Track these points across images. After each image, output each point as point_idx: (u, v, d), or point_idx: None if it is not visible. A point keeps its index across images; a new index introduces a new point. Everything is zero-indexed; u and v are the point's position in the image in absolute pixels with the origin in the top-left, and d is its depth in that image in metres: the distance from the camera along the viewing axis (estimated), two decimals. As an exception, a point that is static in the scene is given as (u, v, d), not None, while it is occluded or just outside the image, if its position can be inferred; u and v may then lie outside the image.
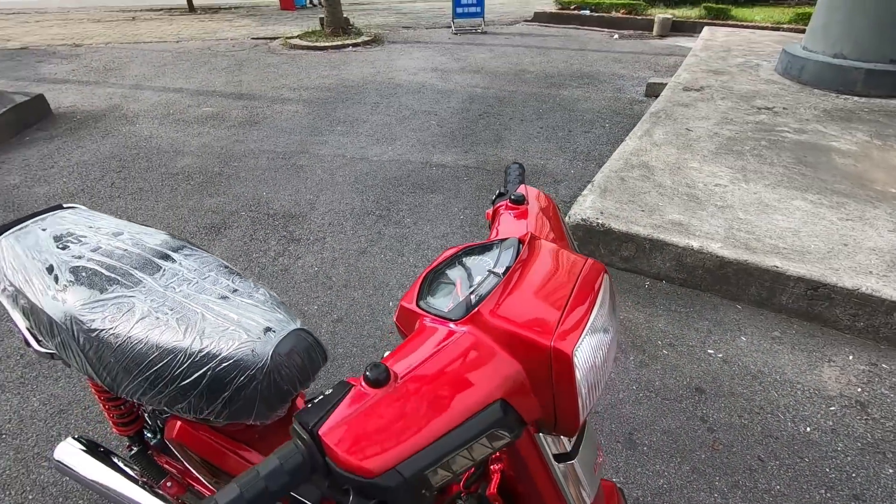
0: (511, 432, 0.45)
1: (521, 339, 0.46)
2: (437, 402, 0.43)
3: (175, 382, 0.79)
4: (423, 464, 0.41)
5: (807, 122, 3.68)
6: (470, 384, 0.45)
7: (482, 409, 0.43)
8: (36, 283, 0.91)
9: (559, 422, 0.49)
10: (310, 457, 0.41)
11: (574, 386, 0.46)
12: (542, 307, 0.49)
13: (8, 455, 1.61)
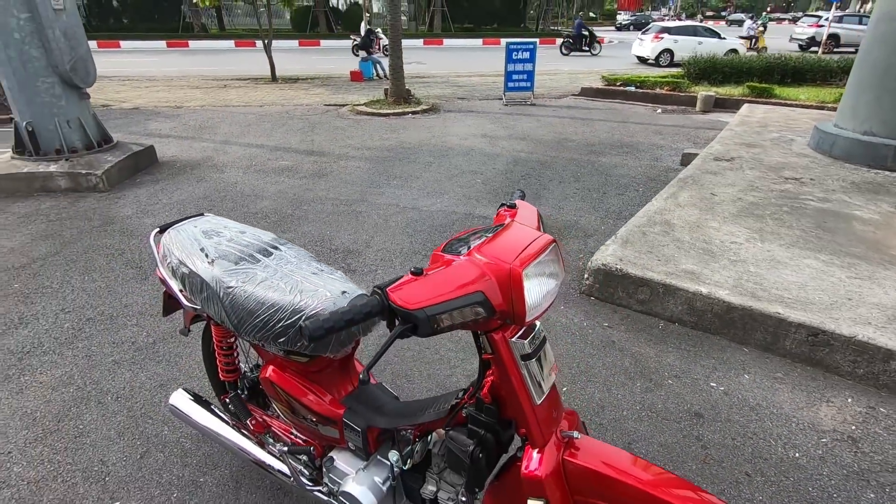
0: (484, 308, 0.80)
1: (493, 264, 0.83)
2: (444, 286, 0.80)
3: (280, 323, 1.19)
4: (435, 311, 0.77)
5: (832, 192, 3.88)
6: (464, 282, 0.81)
7: (469, 293, 0.80)
8: (194, 258, 1.36)
9: (515, 316, 0.84)
10: (382, 301, 0.79)
11: (522, 293, 0.81)
12: (508, 251, 0.85)
13: (122, 412, 2.04)
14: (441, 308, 0.78)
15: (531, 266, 0.84)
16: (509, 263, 0.82)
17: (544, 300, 0.88)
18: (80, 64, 4.72)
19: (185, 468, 1.79)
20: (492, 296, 0.82)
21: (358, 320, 0.79)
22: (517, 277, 0.82)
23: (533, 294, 0.84)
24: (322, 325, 0.77)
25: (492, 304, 0.82)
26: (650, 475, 0.91)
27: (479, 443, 1.03)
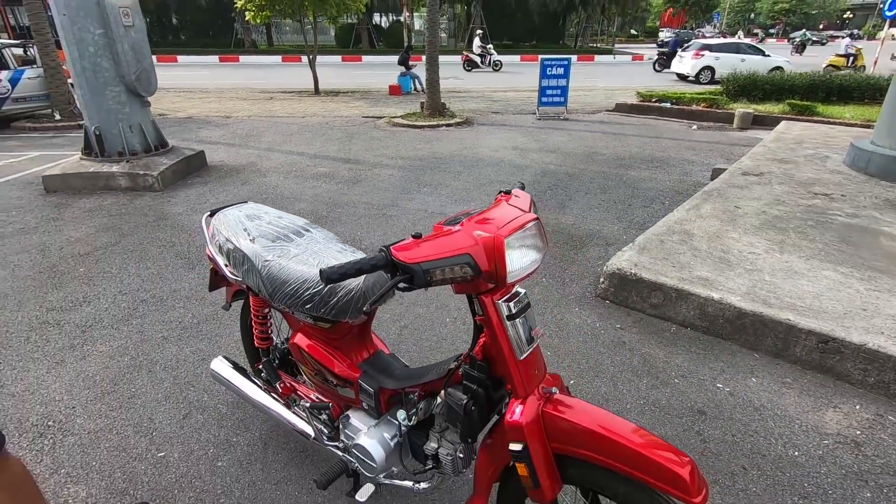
0: (471, 268, 0.97)
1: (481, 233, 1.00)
2: (439, 248, 0.97)
3: (308, 292, 1.38)
4: (429, 266, 0.95)
5: (863, 208, 3.84)
6: (456, 246, 0.98)
7: (458, 255, 0.96)
8: (238, 236, 1.57)
9: (498, 278, 1.00)
10: (386, 256, 0.96)
11: (504, 259, 0.97)
12: (494, 224, 1.01)
13: (168, 380, 2.28)
14: (434, 264, 0.95)
15: (513, 237, 0.99)
16: (494, 233, 0.98)
17: (527, 267, 1.03)
18: (143, 75, 5.19)
19: (221, 429, 2.01)
20: (478, 258, 0.98)
21: (366, 270, 0.97)
22: (500, 245, 0.97)
23: (514, 260, 1.00)
24: (337, 270, 0.96)
25: (478, 265, 0.98)
26: (621, 428, 1.04)
27: (472, 397, 1.18)
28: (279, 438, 1.96)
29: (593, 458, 1.04)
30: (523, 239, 1.03)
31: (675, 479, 0.94)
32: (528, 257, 1.05)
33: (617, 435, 1.02)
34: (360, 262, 0.97)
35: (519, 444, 1.07)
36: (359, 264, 0.97)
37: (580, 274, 3.37)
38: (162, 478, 1.79)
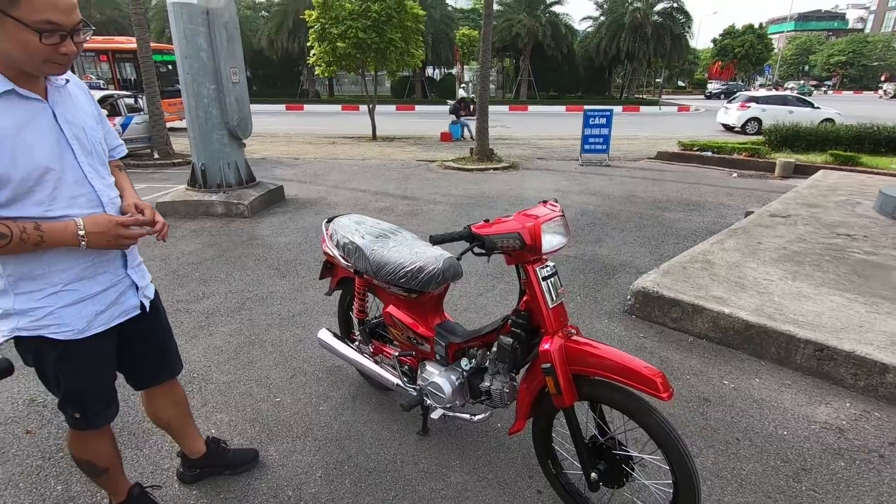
0: (520, 241, 1.55)
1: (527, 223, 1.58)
2: (500, 227, 1.57)
3: (402, 270, 1.99)
4: (494, 237, 1.54)
5: (882, 247, 4.14)
6: (510, 227, 1.57)
7: (512, 232, 1.55)
8: (352, 234, 2.23)
9: (536, 250, 1.57)
10: (468, 231, 1.57)
11: (540, 238, 1.55)
12: (535, 216, 1.60)
13: (276, 353, 2.93)
14: (497, 237, 1.55)
15: (547, 224, 1.57)
16: (535, 221, 1.57)
17: (555, 245, 1.61)
18: (243, 122, 6.22)
19: (320, 386, 2.61)
20: (524, 236, 1.56)
21: (456, 238, 1.58)
22: (538, 228, 1.55)
23: (547, 240, 1.57)
24: (440, 236, 1.58)
25: (524, 241, 1.56)
26: (616, 354, 1.55)
27: (517, 340, 1.73)
28: (364, 395, 2.54)
29: (596, 373, 1.56)
30: (553, 227, 1.61)
31: (650, 383, 1.45)
32: (557, 239, 1.62)
33: (612, 357, 1.54)
34: (454, 233, 1.59)
35: (548, 363, 1.61)
36: (452, 233, 1.58)
37: (611, 295, 3.84)
38: (280, 414, 2.40)
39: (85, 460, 1.58)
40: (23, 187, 1.21)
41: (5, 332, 1.31)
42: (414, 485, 1.99)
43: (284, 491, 1.95)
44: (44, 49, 1.15)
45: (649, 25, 32.95)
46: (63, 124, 1.30)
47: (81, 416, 1.48)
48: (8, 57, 1.16)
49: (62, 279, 1.32)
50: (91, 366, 1.44)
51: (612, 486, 1.69)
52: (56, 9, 1.12)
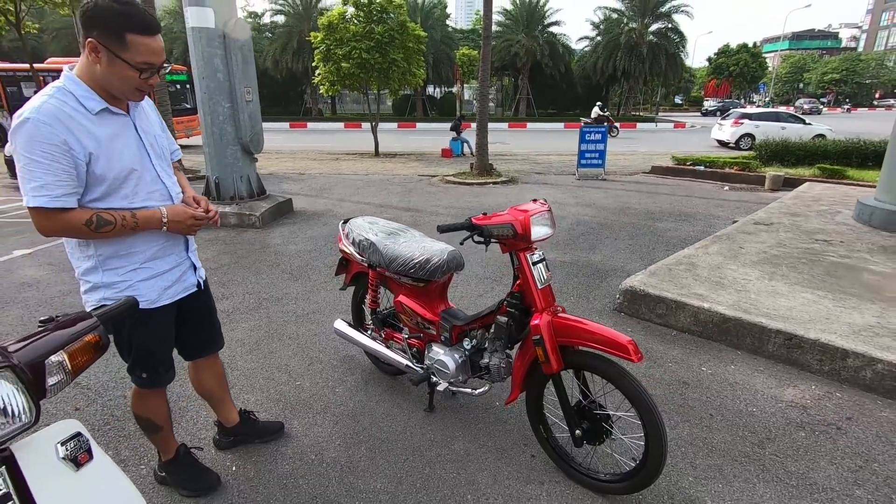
0: (512, 231, 1.83)
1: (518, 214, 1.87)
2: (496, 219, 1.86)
3: (412, 262, 2.28)
4: (491, 227, 1.84)
5: (856, 251, 4.43)
6: (505, 220, 1.86)
7: (506, 224, 1.84)
8: (367, 232, 2.52)
9: (527, 239, 1.86)
10: (470, 222, 1.86)
11: (530, 229, 1.84)
12: (525, 210, 1.89)
13: (293, 345, 3.20)
14: (493, 228, 1.84)
15: (535, 217, 1.87)
16: (525, 214, 1.87)
17: (542, 235, 1.90)
18: (255, 137, 6.58)
19: (335, 372, 2.88)
20: (517, 227, 1.85)
21: (459, 227, 1.88)
22: (528, 220, 1.85)
23: (536, 230, 1.87)
24: (448, 224, 1.87)
25: (516, 230, 1.85)
26: (595, 326, 1.83)
27: (511, 318, 2.02)
28: (375, 380, 2.81)
29: (579, 342, 1.84)
30: (541, 219, 1.90)
31: (623, 348, 1.72)
32: (544, 230, 1.91)
33: (592, 329, 1.82)
34: (458, 223, 1.89)
35: (538, 336, 1.89)
36: (457, 224, 1.88)
37: (602, 295, 4.12)
38: (300, 395, 2.67)
39: (145, 417, 1.85)
40: (114, 184, 1.52)
41: (94, 301, 1.61)
42: (422, 451, 2.25)
43: (308, 455, 2.21)
44: (139, 81, 1.47)
45: (644, 45, 33.78)
46: (141, 134, 1.62)
47: (148, 376, 1.76)
48: (108, 84, 1.47)
49: (140, 258, 1.62)
50: (158, 331, 1.74)
51: (594, 442, 1.96)
52: (153, 53, 1.45)
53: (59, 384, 0.84)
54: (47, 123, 1.35)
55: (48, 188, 1.37)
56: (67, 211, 1.42)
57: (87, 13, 1.36)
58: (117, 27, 1.37)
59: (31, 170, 1.36)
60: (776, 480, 2.08)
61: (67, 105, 1.41)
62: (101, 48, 1.39)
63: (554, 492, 2.01)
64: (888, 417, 2.51)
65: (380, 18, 13.70)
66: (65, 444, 0.84)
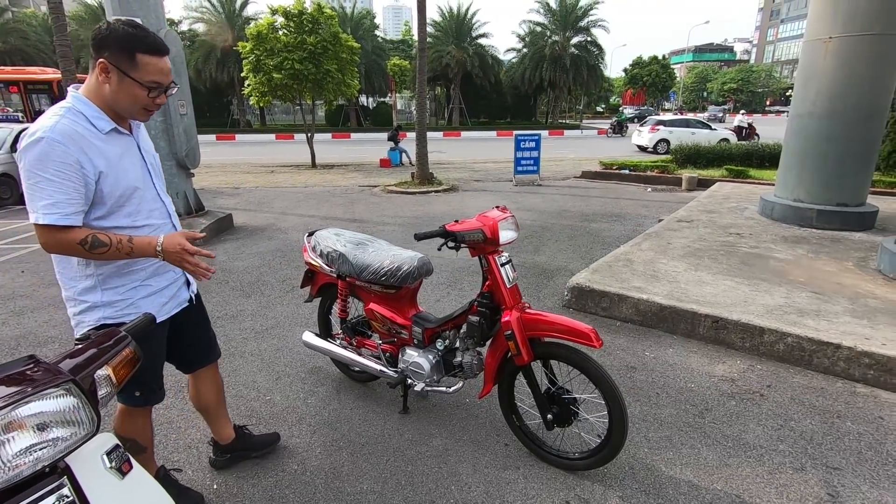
0: (483, 236, 2.00)
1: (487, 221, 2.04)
2: (468, 226, 2.01)
3: (382, 270, 2.38)
4: (463, 233, 1.99)
5: (763, 242, 5.03)
6: (475, 226, 2.01)
7: (476, 230, 2.00)
8: (335, 244, 2.59)
9: (495, 243, 2.03)
10: (443, 229, 2.00)
11: (498, 233, 2.01)
12: (493, 217, 2.06)
13: (257, 361, 3.17)
14: (465, 233, 1.99)
15: (502, 222, 2.05)
16: (493, 220, 2.04)
17: (509, 238, 2.08)
18: (191, 152, 6.34)
19: (305, 384, 2.90)
20: (486, 231, 2.02)
21: (434, 235, 2.01)
22: (496, 225, 2.02)
23: (503, 234, 2.04)
24: (424, 233, 2.00)
25: (485, 235, 2.02)
26: (560, 318, 2.03)
27: (482, 317, 2.17)
28: (347, 388, 2.87)
29: (546, 334, 2.02)
30: (507, 224, 2.08)
31: (585, 336, 1.93)
32: (510, 234, 2.09)
33: (557, 321, 2.01)
34: (432, 231, 2.02)
35: (509, 331, 2.05)
36: (432, 231, 2.02)
37: (551, 294, 4.40)
38: (272, 409, 2.67)
39: (131, 438, 1.81)
40: (119, 202, 1.54)
41: (91, 322, 1.59)
42: (402, 450, 2.34)
43: (290, 466, 2.23)
44: (147, 100, 1.51)
45: (567, 57, 35.69)
46: (144, 154, 1.67)
47: (142, 394, 1.75)
48: (116, 104, 1.51)
49: (141, 276, 1.64)
50: (154, 347, 1.74)
51: (563, 425, 2.15)
52: (161, 73, 1.50)
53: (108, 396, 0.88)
54: (61, 143, 1.38)
55: (59, 206, 1.39)
56: (72, 229, 1.43)
57: (99, 35, 1.42)
58: (128, 47, 1.43)
59: (42, 187, 1.37)
60: (716, 444, 2.38)
61: (79, 125, 1.44)
62: (111, 68, 1.44)
63: (530, 474, 2.18)
64: (799, 382, 2.92)
65: (311, 29, 13.57)
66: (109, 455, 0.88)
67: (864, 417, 2.59)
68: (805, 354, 3.05)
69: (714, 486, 2.10)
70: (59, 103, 1.47)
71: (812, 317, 3.29)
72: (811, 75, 5.66)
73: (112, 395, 0.91)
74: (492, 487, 2.10)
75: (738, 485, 2.11)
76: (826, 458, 2.28)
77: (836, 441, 2.40)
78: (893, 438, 2.42)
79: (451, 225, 2.08)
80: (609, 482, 2.13)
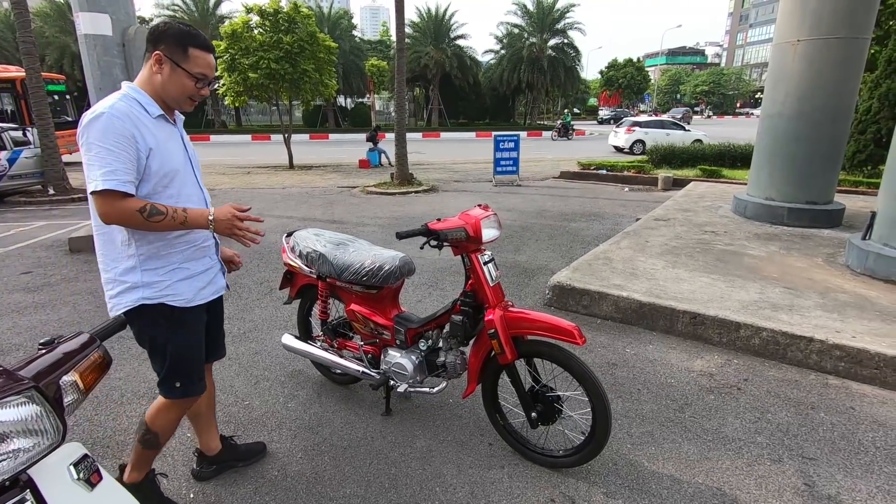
0: (465, 234, 1.98)
1: (470, 219, 2.03)
2: (450, 224, 2.00)
3: (363, 270, 2.35)
4: (446, 232, 1.97)
5: (737, 239, 5.15)
6: (457, 224, 2.00)
7: (458, 228, 1.98)
8: (315, 244, 2.54)
9: (478, 241, 2.02)
10: (426, 228, 1.98)
11: (481, 231, 2.00)
12: (475, 215, 2.05)
13: (235, 365, 3.09)
14: (448, 232, 1.97)
15: (484, 220, 2.03)
16: (475, 219, 2.02)
17: (492, 236, 2.06)
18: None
19: (284, 388, 2.84)
20: (468, 230, 2.00)
21: (415, 233, 1.98)
22: (478, 224, 2.01)
23: (485, 233, 2.03)
24: (406, 231, 1.97)
25: (468, 233, 2.00)
26: (543, 315, 2.02)
27: (465, 316, 2.16)
28: (327, 391, 2.82)
29: (530, 332, 2.02)
30: (490, 222, 2.07)
31: (569, 333, 1.93)
32: (493, 232, 2.08)
33: (540, 319, 2.01)
34: (415, 229, 2.00)
35: (492, 329, 2.04)
36: (415, 230, 1.99)
37: (533, 292, 4.41)
38: (251, 414, 2.60)
39: (155, 433, 1.81)
40: (163, 182, 1.63)
41: (130, 302, 1.65)
42: (385, 453, 2.31)
43: (270, 472, 2.18)
44: (193, 90, 1.66)
45: (545, 59, 36.05)
46: (185, 142, 1.79)
47: (182, 385, 1.76)
48: (165, 93, 1.65)
49: (178, 259, 1.70)
50: (193, 334, 1.78)
51: (547, 422, 2.15)
52: (208, 66, 1.66)
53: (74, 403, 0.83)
54: (119, 118, 1.51)
55: (117, 174, 1.49)
56: (128, 197, 1.53)
57: (157, 30, 1.60)
58: (183, 42, 1.60)
59: (103, 157, 1.48)
60: (696, 438, 2.41)
61: (134, 108, 1.58)
62: (165, 59, 1.60)
63: (514, 473, 2.17)
64: (775, 375, 2.99)
65: (288, 28, 13.39)
66: (76, 466, 0.83)
67: (837, 408, 2.66)
68: (779, 348, 3.12)
69: (695, 480, 2.12)
70: (114, 93, 1.60)
71: (785, 311, 3.38)
72: (780, 77, 5.82)
73: (80, 402, 0.86)
74: (476, 488, 2.08)
75: (718, 477, 2.14)
76: (802, 448, 2.33)
77: (811, 432, 2.46)
78: (864, 428, 2.49)
79: (434, 223, 2.06)
80: (593, 479, 2.13)
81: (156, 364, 1.76)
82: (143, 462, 1.88)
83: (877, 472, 2.18)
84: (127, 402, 2.71)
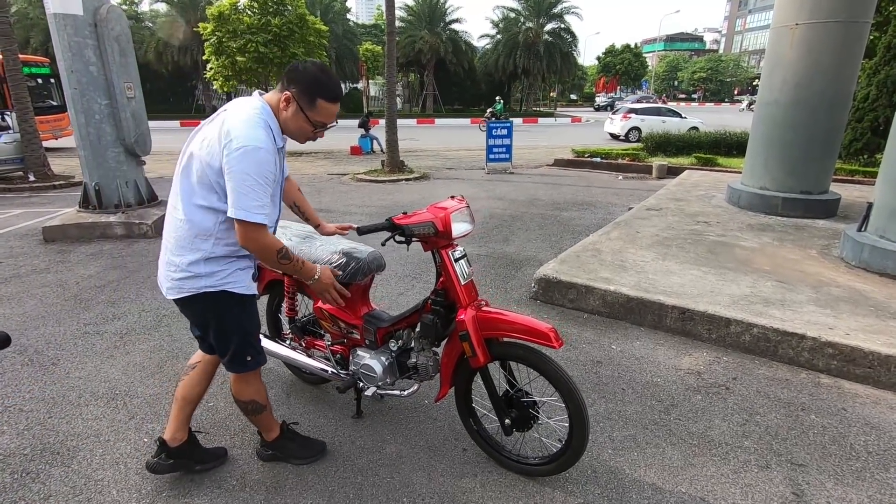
0: (434, 229, 1.83)
1: (439, 212, 1.87)
2: (417, 218, 1.84)
3: (332, 264, 2.19)
4: (412, 226, 1.82)
5: (730, 230, 5.02)
6: (425, 218, 1.85)
7: (426, 222, 1.83)
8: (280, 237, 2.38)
9: (448, 236, 1.87)
10: (390, 222, 1.83)
11: (450, 226, 1.85)
12: (445, 208, 1.90)
13: (203, 362, 2.94)
14: (414, 227, 1.82)
15: (454, 214, 1.88)
16: (445, 212, 1.87)
17: (462, 231, 1.91)
18: (141, 138, 5.96)
19: (252, 388, 2.69)
20: (437, 224, 1.85)
21: (380, 228, 1.83)
22: (448, 217, 1.85)
23: (456, 227, 1.88)
24: (368, 226, 1.82)
25: (437, 228, 1.85)
26: (517, 317, 1.88)
27: (436, 315, 2.01)
28: (297, 391, 2.68)
29: (504, 334, 1.88)
30: (461, 216, 1.92)
31: (545, 336, 1.79)
32: (464, 226, 1.93)
33: (515, 320, 1.87)
34: (378, 224, 1.85)
35: (464, 331, 1.90)
36: (377, 225, 1.84)
37: (519, 285, 4.28)
38: (215, 416, 2.47)
39: (250, 400, 1.98)
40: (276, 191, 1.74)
41: (192, 290, 1.74)
42: (353, 459, 2.18)
43: (228, 482, 2.05)
44: (310, 134, 1.77)
45: (541, 44, 35.56)
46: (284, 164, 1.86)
47: (252, 357, 1.91)
48: (286, 127, 1.74)
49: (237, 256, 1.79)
50: (256, 315, 1.93)
51: (523, 429, 2.03)
52: (330, 116, 1.74)
53: None
54: (272, 157, 1.62)
55: (265, 209, 1.61)
56: (268, 234, 1.69)
57: (294, 71, 1.68)
58: (312, 92, 1.67)
59: (256, 191, 1.58)
60: (681, 442, 2.29)
61: (271, 139, 1.66)
62: (293, 102, 1.68)
63: (488, 482, 2.05)
64: (765, 374, 2.87)
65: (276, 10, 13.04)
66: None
67: (828, 409, 2.55)
68: (770, 345, 3.01)
69: (678, 489, 2.01)
70: (252, 106, 1.66)
71: (777, 306, 3.26)
72: (777, 62, 5.64)
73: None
74: (446, 499, 1.96)
75: (702, 486, 2.03)
76: (791, 453, 2.22)
77: (801, 435, 2.35)
78: (856, 431, 2.39)
79: (399, 217, 1.90)
80: (570, 488, 2.02)
81: (221, 346, 1.88)
82: (266, 423, 2.09)
83: (868, 479, 2.07)
84: (84, 404, 2.57)
